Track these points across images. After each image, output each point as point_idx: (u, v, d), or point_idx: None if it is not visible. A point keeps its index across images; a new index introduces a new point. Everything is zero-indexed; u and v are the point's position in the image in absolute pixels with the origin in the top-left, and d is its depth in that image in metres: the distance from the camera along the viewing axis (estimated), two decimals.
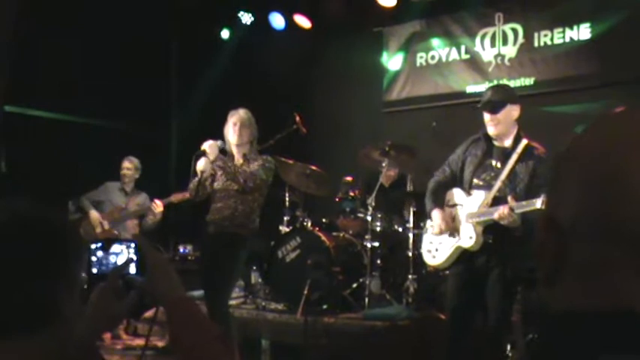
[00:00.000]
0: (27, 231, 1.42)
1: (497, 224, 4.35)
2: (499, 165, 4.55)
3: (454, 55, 8.69)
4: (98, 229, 7.29)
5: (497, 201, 4.42)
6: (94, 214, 7.38)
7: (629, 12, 7.29)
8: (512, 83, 8.06)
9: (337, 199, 7.29)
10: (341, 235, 6.95)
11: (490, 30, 8.36)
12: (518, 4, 8.19)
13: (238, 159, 5.50)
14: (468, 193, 4.61)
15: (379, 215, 6.77)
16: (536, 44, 8.00)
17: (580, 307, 0.92)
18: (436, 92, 8.76)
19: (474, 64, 8.45)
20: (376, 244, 6.66)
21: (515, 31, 8.16)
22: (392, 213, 7.00)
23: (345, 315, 6.21)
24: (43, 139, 8.24)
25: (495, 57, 8.30)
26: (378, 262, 6.65)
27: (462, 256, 4.62)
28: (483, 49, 8.41)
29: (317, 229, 6.86)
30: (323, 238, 6.53)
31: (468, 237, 4.53)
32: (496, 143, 4.63)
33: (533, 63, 8.02)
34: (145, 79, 8.92)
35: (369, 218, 6.65)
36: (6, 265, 1.38)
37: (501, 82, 8.18)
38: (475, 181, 4.61)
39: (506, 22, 8.24)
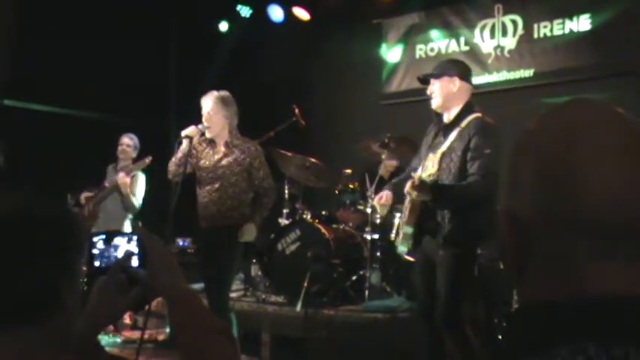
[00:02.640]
0: (28, 222, 1.42)
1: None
2: (442, 140, 4.46)
3: (453, 46, 8.67)
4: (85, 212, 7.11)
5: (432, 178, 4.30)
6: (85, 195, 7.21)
7: (629, 3, 7.28)
8: (512, 75, 8.08)
9: (337, 192, 7.29)
10: (341, 227, 6.95)
11: (489, 21, 8.35)
12: None
13: (220, 148, 5.47)
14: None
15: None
16: (535, 35, 7.98)
17: (547, 297, 0.92)
18: None
19: (474, 55, 8.42)
20: (376, 236, 6.67)
21: (514, 22, 8.14)
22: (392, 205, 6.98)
23: (346, 307, 6.22)
24: (42, 132, 8.23)
25: (495, 48, 8.29)
26: (378, 254, 6.66)
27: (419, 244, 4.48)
28: (483, 40, 8.39)
29: (317, 221, 6.86)
30: (323, 230, 6.53)
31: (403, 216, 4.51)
32: (445, 121, 4.54)
33: (532, 54, 8.01)
34: (143, 72, 8.91)
35: (368, 210, 6.65)
36: (7, 256, 1.38)
37: (501, 73, 8.19)
38: (424, 162, 4.53)
39: (505, 13, 8.22)
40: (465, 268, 4.47)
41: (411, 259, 4.86)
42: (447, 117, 4.53)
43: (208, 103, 5.41)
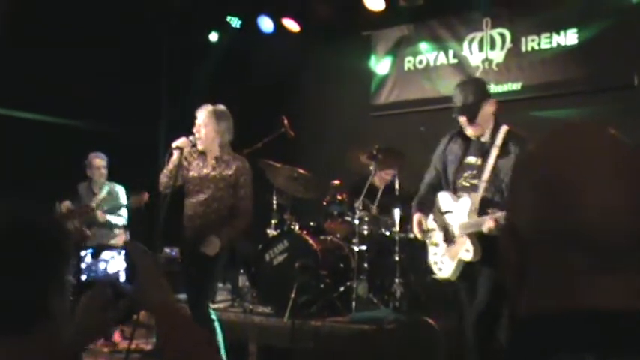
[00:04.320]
0: (15, 233, 1.44)
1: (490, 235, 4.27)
2: (479, 162, 4.47)
3: (442, 59, 8.72)
4: (70, 226, 7.18)
5: (484, 203, 4.35)
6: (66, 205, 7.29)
7: (616, 18, 7.34)
8: (500, 88, 8.12)
9: (325, 203, 7.29)
10: (328, 238, 6.95)
11: (478, 35, 8.40)
12: (506, 9, 8.22)
13: (210, 162, 5.47)
14: (455, 197, 4.57)
15: (366, 219, 6.77)
16: (523, 49, 8.04)
17: (543, 309, 0.95)
18: (424, 96, 8.78)
19: (462, 68, 8.47)
20: (363, 247, 6.67)
21: (502, 36, 8.20)
22: (381, 216, 7.01)
23: (333, 318, 6.21)
24: (30, 141, 8.21)
25: (483, 62, 8.34)
26: (366, 265, 6.65)
27: (466, 269, 4.54)
28: (471, 53, 8.44)
29: (304, 232, 6.85)
30: (310, 241, 6.53)
31: (464, 250, 4.46)
32: (474, 138, 4.56)
33: (520, 68, 8.06)
34: (134, 81, 8.91)
35: (356, 222, 6.66)
36: (7, 272, 1.40)
37: (488, 86, 8.22)
38: (459, 182, 4.55)
39: (493, 27, 8.27)
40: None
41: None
42: (478, 136, 4.54)
43: (202, 115, 5.44)
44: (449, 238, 4.59)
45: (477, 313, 4.46)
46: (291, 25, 9.36)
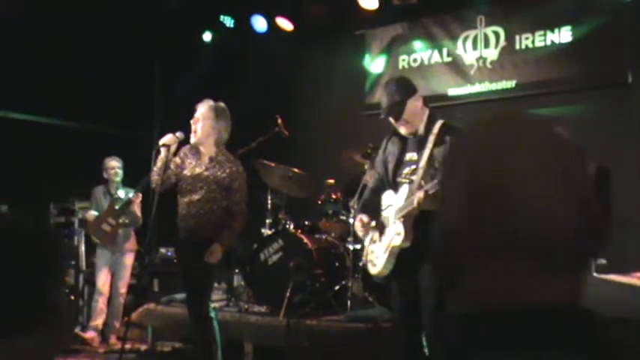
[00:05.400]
0: (13, 236, 1.47)
1: (424, 214, 4.21)
2: (415, 157, 4.46)
3: (436, 57, 8.71)
4: (107, 228, 7.35)
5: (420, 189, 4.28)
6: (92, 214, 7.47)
7: (610, 15, 7.33)
8: (494, 86, 8.12)
9: (319, 202, 7.29)
10: (323, 237, 6.95)
11: (472, 33, 8.39)
12: (500, 7, 8.22)
13: (204, 160, 5.46)
14: (396, 192, 4.53)
15: None
16: (517, 47, 8.04)
17: (475, 308, 0.94)
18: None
19: (456, 66, 8.48)
20: (358, 246, 6.66)
21: (496, 33, 8.20)
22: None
23: (328, 317, 6.21)
24: (26, 142, 8.20)
25: (477, 60, 8.33)
26: (360, 264, 6.64)
27: (400, 259, 4.44)
28: (465, 51, 8.44)
29: (299, 231, 6.86)
30: (305, 240, 6.54)
31: (396, 234, 4.39)
32: (409, 136, 4.55)
33: (514, 66, 8.06)
34: (128, 81, 8.90)
35: (351, 220, 6.66)
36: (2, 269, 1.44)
37: (483, 84, 8.23)
38: (398, 179, 4.53)
39: (487, 24, 8.27)
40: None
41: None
42: (412, 132, 4.53)
43: (202, 108, 5.41)
44: (384, 233, 4.55)
45: (429, 318, 4.32)
46: (284, 24, 9.36)
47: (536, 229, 0.91)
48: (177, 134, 5.38)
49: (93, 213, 7.48)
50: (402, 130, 4.55)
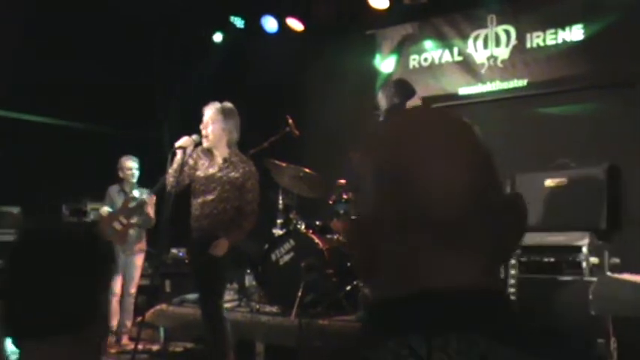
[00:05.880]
0: (67, 243, 1.57)
1: None
2: None
3: (447, 57, 8.69)
4: (118, 227, 7.36)
5: None
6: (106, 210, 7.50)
7: (622, 13, 7.29)
8: (505, 85, 8.09)
9: (330, 202, 7.28)
10: (335, 237, 6.95)
11: (482, 32, 8.37)
12: (511, 5, 8.19)
13: (217, 161, 5.46)
14: None
15: None
16: (528, 45, 8.00)
17: (389, 295, 0.96)
18: (429, 94, 8.74)
19: (467, 65, 8.45)
20: None
21: (507, 32, 8.17)
22: None
23: (339, 317, 6.20)
24: (36, 143, 8.23)
25: (488, 59, 8.31)
26: None
27: None
28: (476, 50, 8.42)
29: (310, 231, 6.85)
30: (316, 240, 6.53)
31: None
32: None
33: (525, 64, 8.02)
34: (138, 82, 8.93)
35: None
36: (52, 274, 1.51)
37: (494, 83, 8.20)
38: None
39: (498, 23, 8.24)
40: None
41: None
42: None
43: (209, 112, 5.41)
44: None
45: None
46: (295, 24, 9.36)
47: (435, 206, 0.93)
48: (194, 136, 5.39)
49: (107, 209, 7.50)
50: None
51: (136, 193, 7.55)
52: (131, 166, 7.66)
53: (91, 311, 1.54)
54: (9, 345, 1.54)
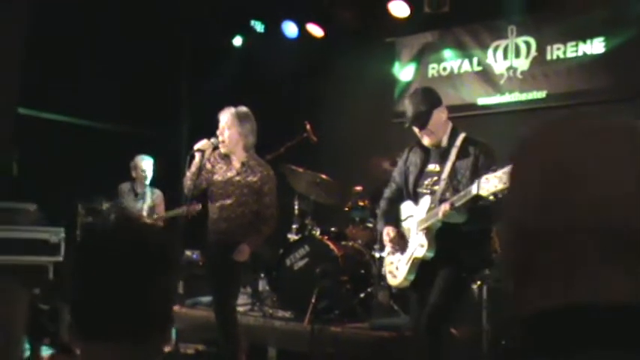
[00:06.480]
0: (146, 250, 1.54)
1: (446, 225, 4.25)
2: (438, 168, 4.46)
3: (466, 66, 8.68)
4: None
5: (442, 201, 4.28)
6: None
7: None
8: (524, 96, 8.07)
9: (346, 208, 7.29)
10: (350, 244, 6.94)
11: (503, 42, 8.35)
12: (532, 17, 8.17)
13: (235, 165, 5.47)
14: (416, 202, 4.53)
15: None
16: (548, 57, 7.98)
17: (553, 306, 0.91)
18: (447, 103, 8.53)
19: (486, 76, 8.44)
20: (385, 254, 6.64)
21: (527, 43, 8.15)
22: None
23: (352, 324, 6.20)
24: (56, 142, 8.28)
25: (507, 69, 8.29)
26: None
27: (420, 270, 4.46)
28: (495, 61, 8.40)
29: (326, 237, 6.85)
30: (332, 246, 6.53)
31: (419, 246, 4.40)
32: (431, 147, 4.55)
33: (545, 76, 8.00)
34: (157, 84, 8.97)
35: (378, 228, 6.64)
36: (134, 283, 1.50)
37: (513, 94, 8.18)
38: (419, 190, 4.52)
39: (519, 34, 8.22)
40: (464, 288, 4.78)
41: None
42: (435, 144, 4.52)
43: (225, 117, 5.40)
44: (406, 245, 4.55)
45: (427, 316, 4.36)
46: (315, 30, 9.38)
47: (607, 216, 0.89)
48: (212, 140, 5.38)
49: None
50: (425, 141, 4.54)
51: (147, 192, 7.57)
52: (145, 167, 7.66)
53: (164, 320, 1.53)
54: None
